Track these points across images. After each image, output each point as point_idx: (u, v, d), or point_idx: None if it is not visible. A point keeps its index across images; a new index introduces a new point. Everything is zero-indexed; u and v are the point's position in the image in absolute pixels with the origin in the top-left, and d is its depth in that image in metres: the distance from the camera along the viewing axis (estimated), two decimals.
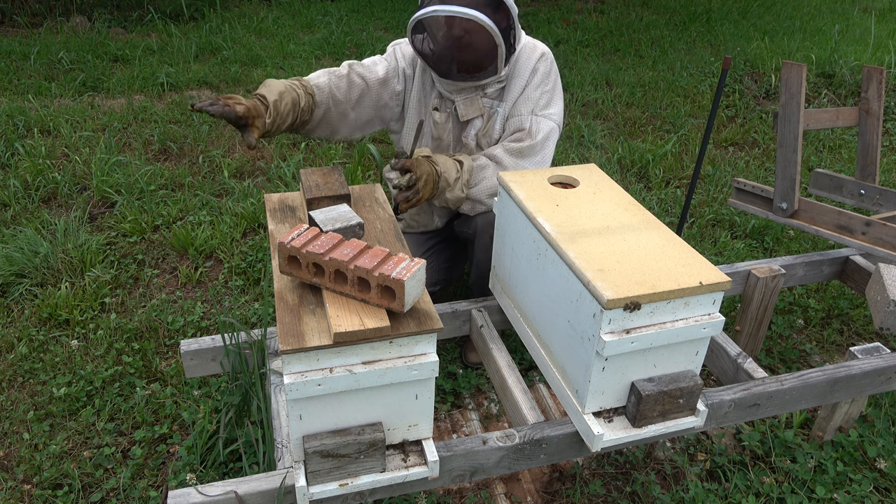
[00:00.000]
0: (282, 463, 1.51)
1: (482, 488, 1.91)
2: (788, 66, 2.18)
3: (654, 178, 3.74)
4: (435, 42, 1.93)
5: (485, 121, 2.08)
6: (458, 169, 1.97)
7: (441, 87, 2.07)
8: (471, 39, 1.88)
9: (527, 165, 2.03)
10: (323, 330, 1.28)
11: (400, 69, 2.11)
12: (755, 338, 2.34)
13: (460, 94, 2.05)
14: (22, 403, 2.13)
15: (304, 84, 1.93)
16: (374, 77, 2.07)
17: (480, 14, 1.80)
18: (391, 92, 2.11)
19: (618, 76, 5.41)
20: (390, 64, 2.10)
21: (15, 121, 4.02)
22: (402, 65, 2.11)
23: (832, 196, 2.53)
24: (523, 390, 1.73)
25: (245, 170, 3.71)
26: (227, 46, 5.85)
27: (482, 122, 2.08)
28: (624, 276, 1.40)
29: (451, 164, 1.95)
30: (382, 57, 2.13)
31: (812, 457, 1.96)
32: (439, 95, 2.10)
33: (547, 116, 2.05)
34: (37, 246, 2.78)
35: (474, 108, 2.06)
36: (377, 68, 2.08)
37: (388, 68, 2.09)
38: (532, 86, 2.04)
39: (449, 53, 1.93)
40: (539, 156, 2.04)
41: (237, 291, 2.71)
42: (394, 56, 2.12)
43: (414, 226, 2.31)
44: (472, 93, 2.04)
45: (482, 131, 2.09)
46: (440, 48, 1.93)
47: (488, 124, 2.09)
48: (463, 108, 2.06)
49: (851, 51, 5.64)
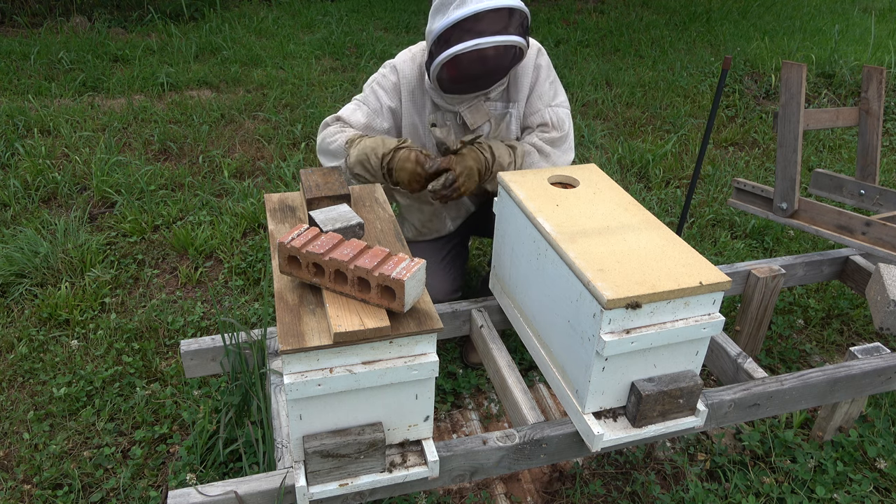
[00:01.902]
0: (282, 463, 1.51)
1: (482, 488, 1.91)
2: (788, 66, 2.18)
3: (654, 178, 3.74)
4: (459, 68, 1.83)
5: (494, 124, 2.07)
6: (511, 154, 1.98)
7: (442, 102, 2.02)
8: (501, 61, 1.85)
9: (560, 154, 2.08)
10: (323, 330, 1.28)
11: (383, 108, 2.04)
12: (755, 338, 2.34)
13: (463, 104, 2.02)
14: (22, 403, 2.13)
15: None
16: (358, 125, 2.03)
17: (520, 38, 1.78)
18: (379, 131, 2.07)
19: (618, 76, 5.42)
20: (371, 107, 2.04)
21: (15, 121, 4.02)
22: (384, 103, 2.04)
23: (832, 196, 2.53)
24: (523, 390, 1.73)
25: (245, 170, 3.71)
26: (227, 46, 5.85)
27: (490, 126, 2.07)
28: (624, 276, 1.40)
29: (504, 150, 1.97)
30: (360, 101, 2.06)
31: (812, 457, 1.96)
32: (434, 109, 2.05)
33: (560, 105, 2.09)
34: (37, 246, 2.78)
35: (481, 115, 2.04)
36: (356, 116, 2.03)
37: (367, 113, 2.04)
38: (541, 81, 2.05)
39: (475, 76, 1.88)
40: (567, 143, 2.10)
41: (237, 291, 2.71)
42: (374, 97, 2.04)
43: (426, 233, 2.28)
44: (475, 99, 2.03)
45: (493, 134, 2.07)
46: (465, 73, 1.86)
47: (500, 126, 2.07)
48: (470, 116, 2.02)
49: (851, 51, 5.65)
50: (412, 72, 2.03)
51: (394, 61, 2.06)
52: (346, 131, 2.00)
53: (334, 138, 1.99)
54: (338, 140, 1.98)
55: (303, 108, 4.54)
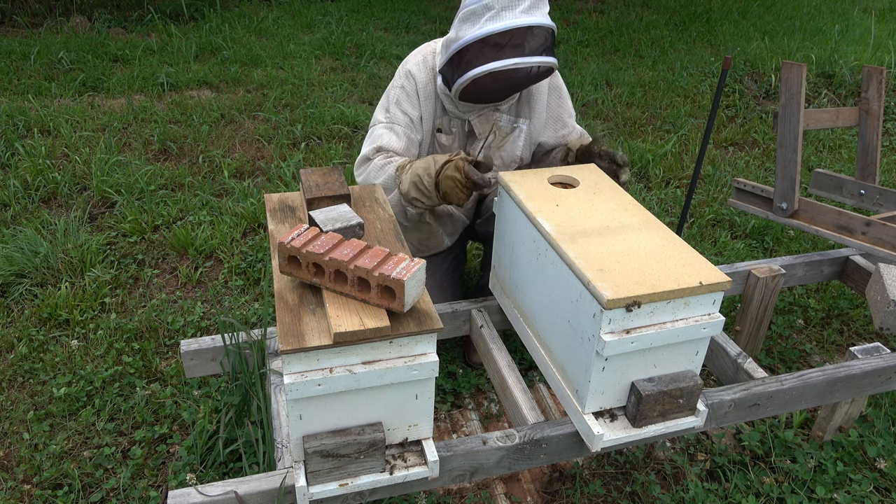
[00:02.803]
0: (282, 463, 1.51)
1: (482, 488, 1.91)
2: (788, 66, 2.18)
3: (654, 178, 3.74)
4: (486, 83, 1.79)
5: (498, 136, 2.07)
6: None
7: (452, 108, 2.00)
8: (531, 80, 1.83)
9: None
10: (323, 330, 1.28)
11: (413, 121, 2.00)
12: (755, 338, 2.34)
13: (474, 113, 2.01)
14: (22, 403, 2.13)
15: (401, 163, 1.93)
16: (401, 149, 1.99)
17: (554, 59, 1.78)
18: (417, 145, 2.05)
19: (618, 76, 5.41)
20: (402, 124, 1.99)
21: (15, 121, 4.02)
22: (412, 115, 1.99)
23: (832, 196, 2.53)
24: (523, 390, 1.73)
25: (245, 170, 3.72)
26: (227, 46, 5.85)
27: (494, 137, 2.07)
28: (624, 276, 1.40)
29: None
30: (389, 121, 2.00)
31: (812, 457, 1.96)
32: (443, 114, 2.03)
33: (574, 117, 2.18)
34: (37, 246, 2.78)
35: (489, 124, 2.03)
36: (394, 140, 1.98)
37: (402, 132, 1.99)
38: (563, 98, 2.12)
39: (498, 90, 1.86)
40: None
41: (237, 291, 2.71)
42: (401, 113, 1.99)
43: (423, 250, 2.28)
44: (485, 109, 2.02)
45: (495, 145, 2.08)
46: (491, 88, 1.84)
47: (506, 139, 2.08)
48: (479, 125, 2.02)
49: (851, 51, 5.65)
50: (426, 76, 1.99)
51: (407, 67, 2.01)
52: (393, 160, 1.94)
53: (382, 171, 1.94)
54: (387, 171, 1.93)
55: (303, 108, 4.54)
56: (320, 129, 4.20)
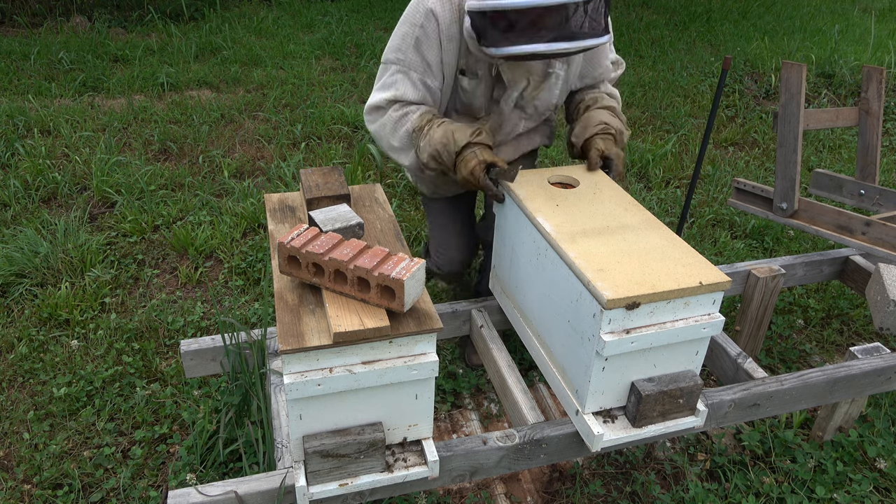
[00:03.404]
0: (282, 463, 1.51)
1: (482, 488, 1.91)
2: (788, 66, 2.18)
3: (654, 178, 3.74)
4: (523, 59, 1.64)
5: (534, 84, 1.87)
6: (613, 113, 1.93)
7: (481, 54, 1.73)
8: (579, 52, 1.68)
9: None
10: (323, 330, 1.28)
11: (432, 66, 1.80)
12: (755, 338, 2.34)
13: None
14: (22, 403, 2.13)
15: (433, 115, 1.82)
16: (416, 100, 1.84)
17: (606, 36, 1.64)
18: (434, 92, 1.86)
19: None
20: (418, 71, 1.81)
21: (15, 121, 4.02)
22: (430, 59, 1.79)
23: (832, 196, 2.53)
24: (523, 390, 1.73)
25: (245, 170, 3.71)
26: (227, 46, 5.85)
27: (529, 85, 1.87)
28: (624, 276, 1.40)
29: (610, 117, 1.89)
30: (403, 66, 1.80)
31: (812, 457, 1.96)
32: (467, 54, 1.78)
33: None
34: (37, 246, 2.78)
35: (521, 72, 1.81)
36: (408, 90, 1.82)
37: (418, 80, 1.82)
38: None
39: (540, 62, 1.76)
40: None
41: (237, 291, 2.71)
42: (418, 57, 1.79)
43: (438, 193, 2.16)
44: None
45: (531, 94, 1.89)
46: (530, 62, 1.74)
47: (542, 86, 1.88)
48: (509, 71, 1.80)
49: (851, 51, 5.65)
50: (450, 13, 1.74)
51: (427, 5, 1.74)
52: (410, 115, 1.79)
53: (397, 128, 1.81)
54: (403, 128, 1.81)
55: (303, 108, 4.53)
56: (320, 129, 4.19)
